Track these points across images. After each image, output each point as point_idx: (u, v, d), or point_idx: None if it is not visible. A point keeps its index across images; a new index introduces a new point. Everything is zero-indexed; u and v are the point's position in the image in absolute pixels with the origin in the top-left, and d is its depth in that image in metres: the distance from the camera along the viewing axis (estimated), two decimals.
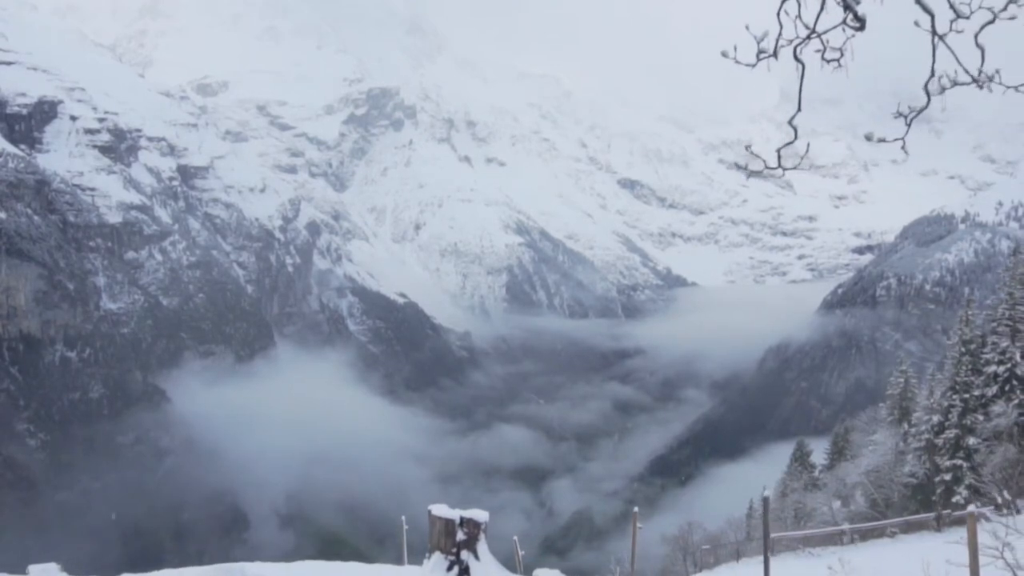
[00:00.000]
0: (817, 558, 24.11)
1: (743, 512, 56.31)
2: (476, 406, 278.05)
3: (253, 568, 13.03)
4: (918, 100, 5.53)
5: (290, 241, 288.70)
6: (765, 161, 6.01)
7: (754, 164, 6.13)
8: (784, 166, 5.97)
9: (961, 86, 5.46)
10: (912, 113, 5.71)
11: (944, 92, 5.48)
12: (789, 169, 6.05)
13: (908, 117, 5.79)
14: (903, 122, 5.85)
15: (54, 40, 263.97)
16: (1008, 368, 36.60)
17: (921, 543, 9.90)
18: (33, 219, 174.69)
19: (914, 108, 5.67)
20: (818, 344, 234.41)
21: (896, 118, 5.85)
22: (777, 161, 6.00)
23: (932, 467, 37.51)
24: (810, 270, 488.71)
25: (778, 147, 6.07)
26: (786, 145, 6.09)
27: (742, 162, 6.31)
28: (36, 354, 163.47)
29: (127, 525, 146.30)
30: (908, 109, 5.69)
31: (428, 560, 10.62)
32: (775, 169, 6.00)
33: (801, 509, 44.61)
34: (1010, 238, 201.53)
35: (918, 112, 5.67)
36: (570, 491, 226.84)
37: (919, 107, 5.64)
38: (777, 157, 6.01)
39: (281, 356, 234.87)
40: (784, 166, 5.97)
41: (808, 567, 20.72)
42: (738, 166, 6.58)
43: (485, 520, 10.57)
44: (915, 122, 8.13)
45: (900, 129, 5.81)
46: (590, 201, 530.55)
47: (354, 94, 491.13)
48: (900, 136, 5.99)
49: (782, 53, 5.44)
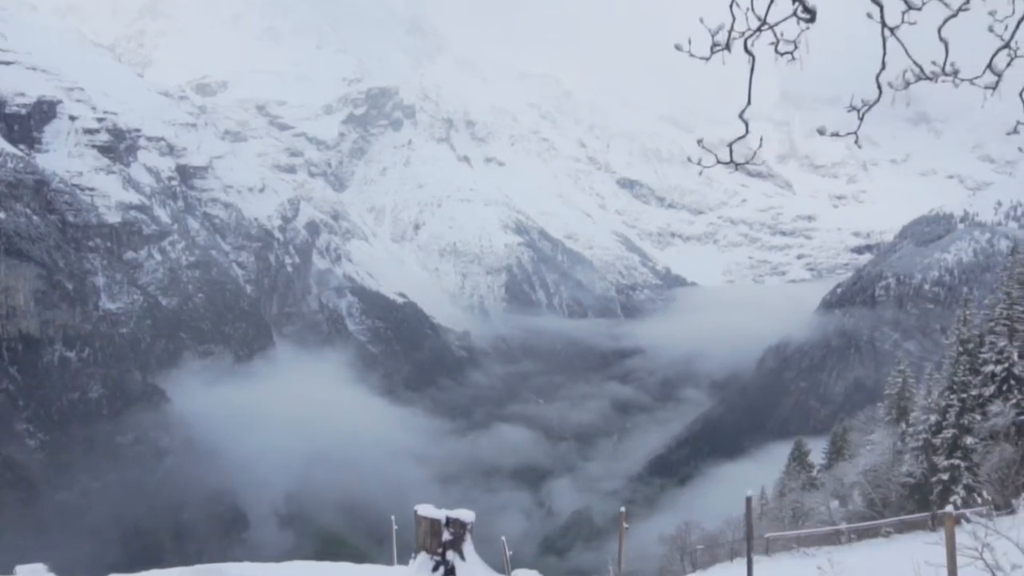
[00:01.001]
0: (811, 558, 24.19)
1: (741, 512, 56.38)
2: (475, 406, 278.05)
3: (234, 569, 12.99)
4: (917, 99, 5.54)
5: (289, 241, 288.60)
6: (716, 155, 6.01)
7: (726, 157, 6.14)
8: (736, 161, 5.93)
9: (925, 80, 5.43)
10: (864, 107, 5.67)
11: (908, 87, 5.46)
12: (741, 164, 6.04)
13: (860, 111, 5.75)
14: (856, 115, 5.80)
15: (53, 40, 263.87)
16: (1006, 368, 36.65)
17: (915, 543, 9.93)
18: (32, 219, 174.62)
19: (867, 102, 5.63)
20: (817, 344, 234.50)
21: (849, 111, 5.82)
22: (729, 155, 5.93)
23: (929, 467, 37.58)
24: (809, 270, 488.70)
25: (729, 142, 6.05)
26: (737, 140, 6.02)
27: (695, 157, 6.33)
28: (35, 354, 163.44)
29: (127, 525, 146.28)
30: (861, 103, 5.61)
31: (414, 560, 10.57)
32: (728, 164, 5.95)
33: (799, 509, 44.67)
34: (1009, 238, 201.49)
35: (870, 106, 5.64)
36: (569, 491, 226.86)
37: (871, 101, 5.60)
38: (729, 152, 5.94)
39: (280, 356, 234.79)
40: (736, 161, 5.93)
41: (802, 567, 20.79)
42: (690, 160, 6.60)
43: (471, 520, 10.55)
44: (915, 122, 7.98)
45: (893, 129, 5.80)
46: (589, 201, 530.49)
47: (353, 94, 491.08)
48: (853, 131, 5.91)
49: (736, 46, 5.38)
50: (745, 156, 6.01)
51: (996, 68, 5.30)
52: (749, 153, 6.02)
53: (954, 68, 5.34)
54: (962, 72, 5.36)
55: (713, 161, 6.00)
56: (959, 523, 10.72)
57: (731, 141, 6.01)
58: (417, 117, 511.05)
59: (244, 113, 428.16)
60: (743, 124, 5.96)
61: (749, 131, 6.00)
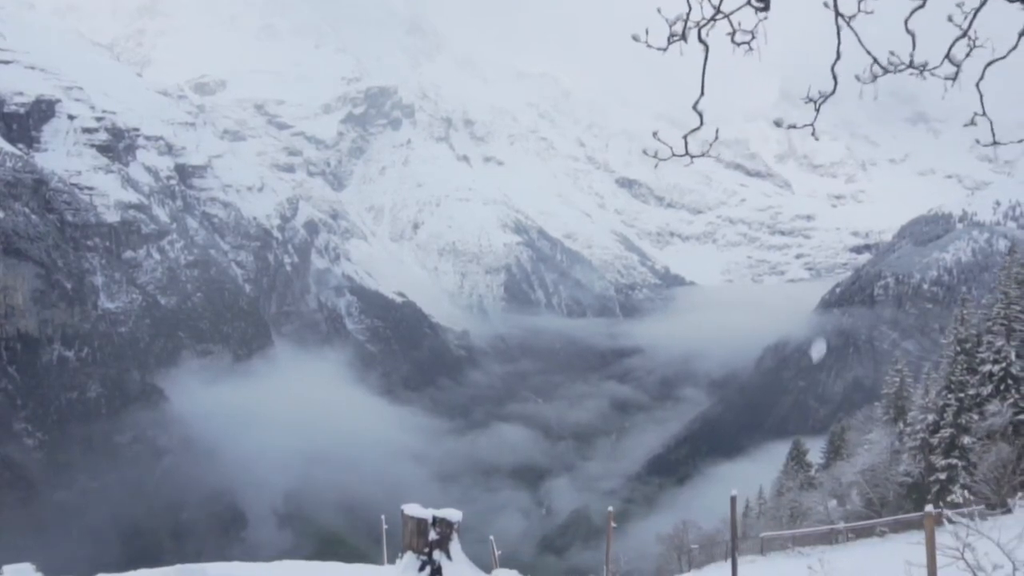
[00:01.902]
0: (806, 557, 24.21)
1: (740, 511, 56.35)
2: (474, 405, 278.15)
3: (216, 569, 13.00)
4: (915, 98, 5.57)
5: (288, 240, 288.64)
6: (672, 148, 5.98)
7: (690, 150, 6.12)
8: (691, 153, 5.84)
9: (893, 73, 5.36)
10: (821, 98, 5.66)
11: (876, 79, 5.40)
12: (697, 156, 5.92)
13: (817, 102, 5.71)
14: (813, 107, 5.81)
15: (52, 39, 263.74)
16: (1003, 367, 36.71)
17: (909, 542, 9.92)
18: (31, 218, 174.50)
19: (824, 93, 5.61)
20: (816, 343, 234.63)
21: (807, 103, 5.73)
22: (684, 148, 5.86)
23: (927, 466, 37.63)
24: (808, 269, 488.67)
25: (684, 133, 5.97)
26: (692, 131, 5.91)
27: (650, 150, 6.28)
28: (34, 353, 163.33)
29: (125, 525, 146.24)
30: (818, 94, 5.59)
31: (400, 560, 10.53)
32: (683, 156, 5.88)
33: (797, 508, 44.71)
34: (1007, 237, 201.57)
35: (826, 97, 5.62)
36: (568, 490, 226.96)
37: (827, 92, 5.58)
38: (684, 143, 5.88)
39: (279, 355, 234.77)
40: (691, 153, 5.84)
41: (796, 566, 20.82)
42: (645, 152, 6.54)
43: (458, 520, 10.51)
44: (914, 121, 7.76)
45: (891, 129, 5.77)
46: (588, 200, 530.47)
47: (352, 93, 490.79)
48: (810, 122, 6.03)
49: (693, 35, 5.31)
50: (702, 148, 5.93)
51: (955, 59, 5.19)
52: (705, 145, 5.96)
53: (924, 61, 5.27)
54: (931, 65, 5.31)
55: (669, 153, 5.96)
56: (940, 523, 10.76)
57: (686, 133, 5.92)
58: (416, 116, 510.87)
59: (243, 112, 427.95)
60: (698, 116, 5.88)
61: (704, 123, 5.91)
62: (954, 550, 8.09)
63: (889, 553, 10.96)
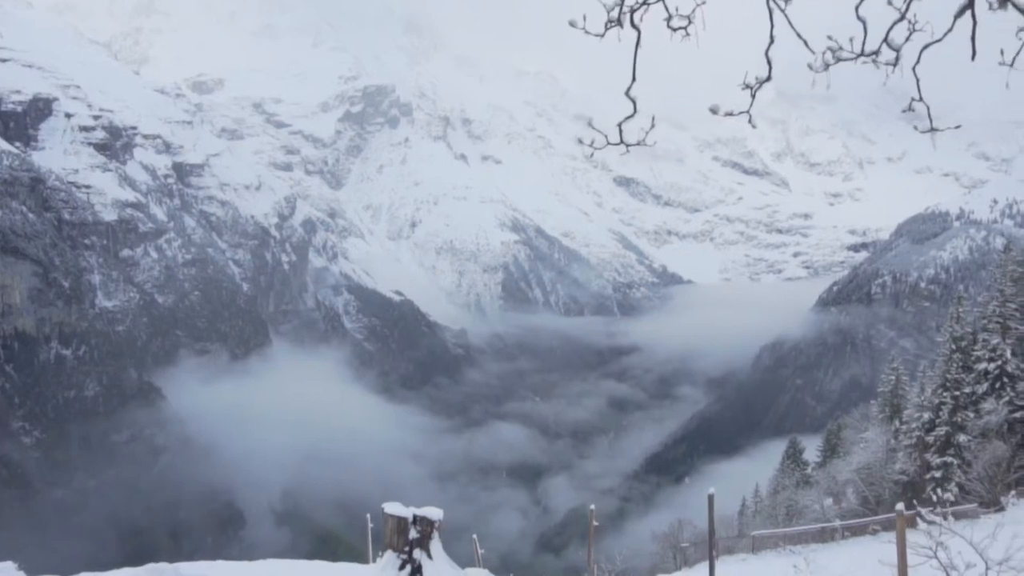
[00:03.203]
0: (798, 556, 24.27)
1: (735, 510, 56.51)
2: (472, 404, 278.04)
3: (187, 568, 13.04)
4: (911, 97, 5.51)
5: (286, 239, 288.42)
6: (607, 136, 5.93)
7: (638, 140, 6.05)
8: (626, 142, 5.75)
9: (845, 61, 5.27)
10: (756, 84, 5.56)
11: (828, 68, 5.31)
12: (632, 145, 5.82)
13: (753, 88, 5.63)
14: (749, 93, 5.71)
15: (50, 37, 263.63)
16: (998, 365, 36.83)
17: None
18: (28, 217, 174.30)
19: (760, 79, 5.52)
20: (813, 341, 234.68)
21: (743, 90, 5.64)
22: (619, 136, 5.77)
23: (923, 464, 37.71)
24: (805, 268, 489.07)
25: (618, 121, 5.88)
26: (627, 119, 5.82)
27: (587, 139, 6.21)
28: (31, 352, 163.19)
29: (123, 523, 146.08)
30: (755, 80, 5.49)
31: (380, 559, 10.49)
32: (618, 144, 5.78)
33: (793, 507, 44.78)
34: (1004, 235, 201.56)
35: (761, 83, 5.54)
36: (566, 489, 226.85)
37: (763, 78, 5.50)
38: (619, 132, 5.78)
39: (277, 354, 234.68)
40: (626, 142, 5.75)
41: (786, 565, 20.90)
42: (580, 141, 6.48)
43: (439, 518, 10.47)
44: (910, 119, 7.68)
45: (888, 127, 5.68)
46: (586, 199, 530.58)
47: (350, 91, 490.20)
48: (745, 109, 5.86)
49: (639, 24, 5.22)
50: (637, 137, 5.87)
51: (894, 43, 5.13)
52: (641, 134, 5.90)
53: (876, 49, 5.19)
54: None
55: (604, 142, 5.91)
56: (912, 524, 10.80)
57: (620, 121, 5.84)
58: (414, 115, 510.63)
59: (240, 111, 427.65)
60: (631, 102, 5.80)
61: (637, 110, 5.84)
62: (927, 549, 8.15)
63: (880, 552, 10.97)
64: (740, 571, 26.59)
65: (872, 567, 10.13)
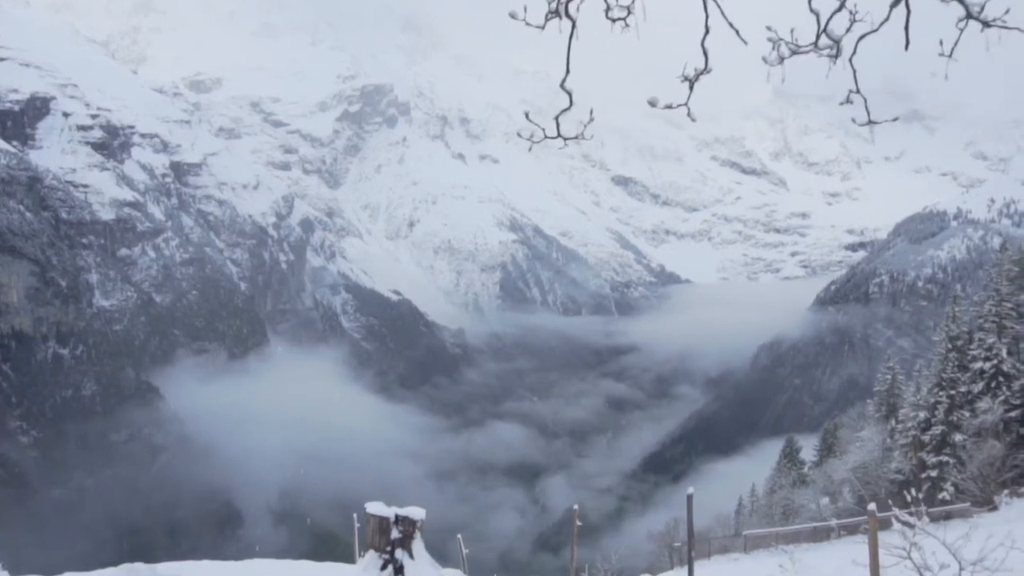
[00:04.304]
0: (793, 554, 24.32)
1: (732, 509, 56.59)
2: (470, 403, 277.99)
3: (164, 568, 13.05)
4: (910, 96, 5.57)
5: (284, 238, 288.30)
6: (544, 129, 5.90)
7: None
8: (564, 135, 5.74)
9: (800, 55, 5.25)
10: (695, 75, 5.49)
11: (783, 61, 5.31)
12: (570, 139, 5.81)
13: (692, 79, 5.58)
14: (688, 86, 5.62)
15: (47, 36, 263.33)
16: (994, 364, 36.87)
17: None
18: (25, 216, 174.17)
19: (699, 70, 5.48)
20: (811, 341, 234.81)
21: (682, 82, 5.61)
22: (556, 130, 5.75)
23: (918, 463, 37.78)
24: (803, 267, 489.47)
25: (555, 114, 5.85)
26: (563, 112, 5.94)
27: (525, 132, 6.16)
28: (28, 351, 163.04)
29: (121, 522, 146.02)
30: (693, 72, 5.41)
31: (362, 559, 10.43)
32: (555, 138, 5.76)
33: (789, 506, 44.85)
34: (1002, 235, 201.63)
35: (700, 74, 5.48)
36: (564, 488, 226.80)
37: (701, 69, 5.45)
38: (556, 125, 5.78)
39: (275, 353, 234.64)
40: (564, 135, 5.74)
41: (776, 564, 20.92)
42: (520, 135, 6.45)
43: (421, 518, 10.42)
44: (908, 119, 7.58)
45: (886, 126, 5.69)
46: (584, 198, 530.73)
47: (348, 91, 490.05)
48: (684, 102, 5.72)
49: (571, 12, 5.09)
50: (576, 131, 5.84)
51: (833, 34, 5.11)
52: (580, 127, 5.87)
53: (830, 42, 5.17)
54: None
55: (542, 136, 5.89)
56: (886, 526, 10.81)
57: (556, 114, 5.83)
58: (412, 114, 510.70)
59: (238, 110, 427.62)
60: (567, 95, 5.81)
61: (573, 103, 5.82)
62: (901, 549, 8.18)
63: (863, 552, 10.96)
64: (730, 570, 26.65)
65: (862, 567, 10.15)
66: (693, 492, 17.65)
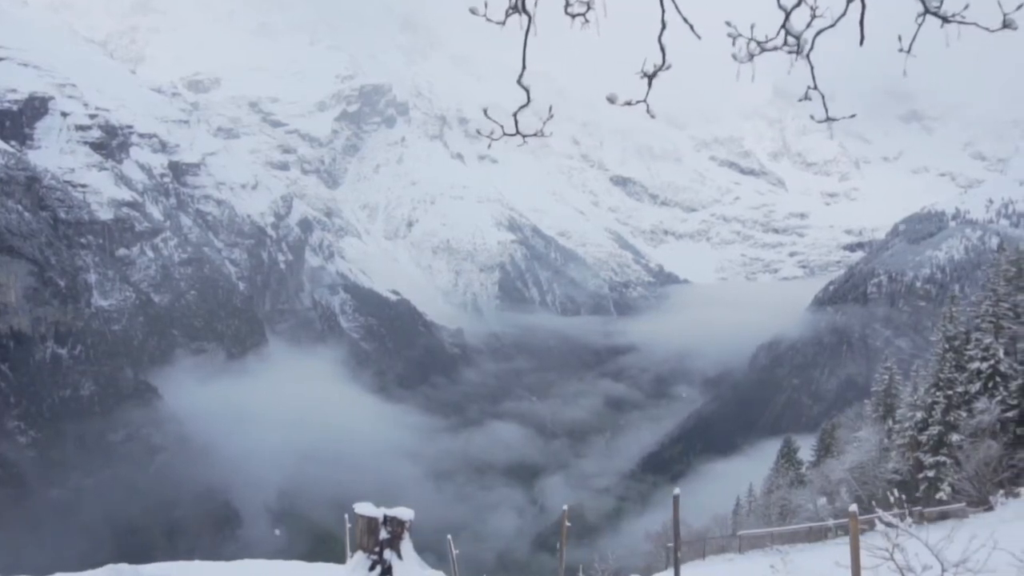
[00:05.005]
0: (784, 555, 24.37)
1: (729, 509, 56.60)
2: (468, 403, 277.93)
3: (148, 569, 13.05)
4: (909, 96, 5.55)
5: (282, 238, 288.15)
6: (503, 127, 5.91)
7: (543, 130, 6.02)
8: (523, 133, 5.77)
9: (770, 51, 5.20)
10: (655, 70, 5.49)
11: (753, 58, 5.27)
12: (529, 136, 5.85)
13: (650, 75, 5.57)
14: (647, 82, 5.62)
15: (46, 36, 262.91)
16: (991, 364, 36.91)
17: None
18: (24, 215, 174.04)
19: (658, 66, 5.47)
20: (809, 341, 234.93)
21: (642, 78, 5.58)
22: (515, 127, 5.82)
23: (915, 464, 37.84)
24: (801, 267, 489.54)
25: (513, 111, 5.84)
26: (521, 108, 5.80)
27: (485, 130, 6.16)
28: (26, 351, 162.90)
29: (119, 522, 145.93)
30: (652, 67, 5.42)
31: (350, 559, 10.39)
32: (514, 135, 5.78)
33: (787, 506, 44.90)
34: (1000, 235, 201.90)
35: (658, 70, 5.47)
36: (562, 488, 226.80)
37: (660, 65, 5.45)
38: (514, 122, 5.84)
39: (273, 353, 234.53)
40: (523, 133, 5.77)
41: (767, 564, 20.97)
42: (479, 132, 6.48)
43: (410, 518, 10.39)
44: (907, 119, 7.39)
45: (885, 127, 5.62)
46: (582, 198, 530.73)
47: (347, 91, 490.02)
48: (642, 99, 5.77)
49: (527, 8, 5.07)
50: (535, 128, 5.86)
51: (793, 30, 5.10)
52: (539, 125, 5.88)
53: (802, 39, 5.15)
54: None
55: (500, 133, 5.91)
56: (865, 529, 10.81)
57: (515, 111, 5.84)
58: (410, 114, 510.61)
59: (237, 110, 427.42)
60: (524, 91, 5.80)
61: (531, 99, 5.85)
62: (884, 551, 8.20)
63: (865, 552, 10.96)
64: (724, 570, 26.70)
65: (844, 568, 10.17)
66: (679, 493, 17.67)
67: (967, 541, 8.45)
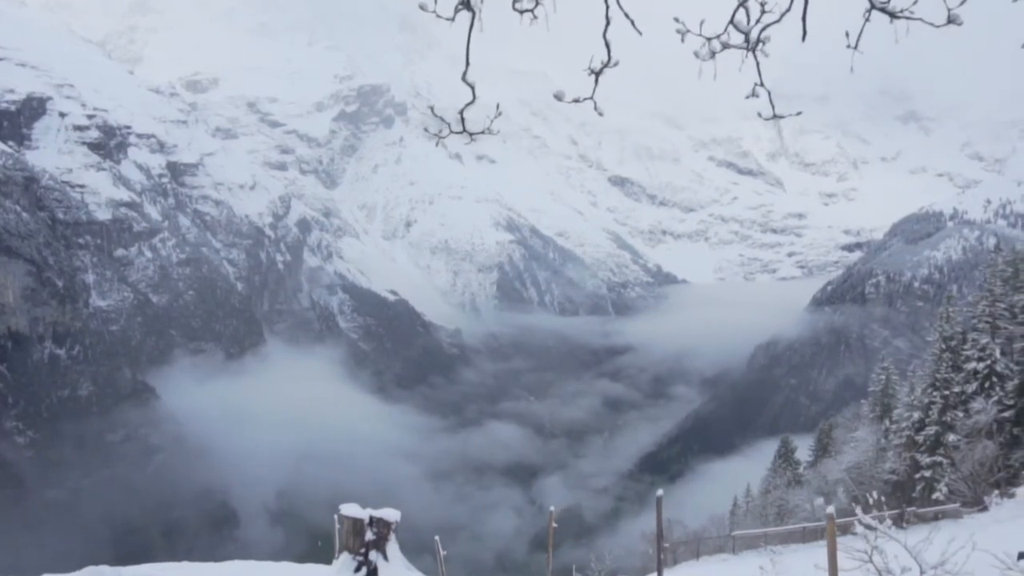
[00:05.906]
0: (778, 555, 24.46)
1: (726, 509, 56.63)
2: (467, 403, 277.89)
3: (128, 571, 13.05)
4: (907, 97, 5.48)
5: (280, 238, 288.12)
6: (450, 125, 5.93)
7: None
8: (470, 131, 5.84)
9: (733, 48, 5.25)
10: (601, 66, 5.51)
11: (715, 56, 5.31)
12: (477, 134, 5.92)
13: (597, 72, 5.61)
14: (594, 79, 5.67)
15: (43, 36, 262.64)
16: (988, 365, 37.00)
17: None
18: (22, 216, 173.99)
19: (603, 62, 5.50)
20: (807, 341, 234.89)
21: (590, 75, 5.60)
22: (461, 125, 5.88)
23: (912, 464, 37.92)
24: (800, 267, 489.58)
25: (459, 109, 5.90)
26: (467, 106, 5.99)
27: (433, 128, 6.20)
28: (25, 351, 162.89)
29: (117, 523, 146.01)
30: (600, 64, 5.46)
31: (336, 560, 10.40)
32: (461, 133, 5.85)
33: (784, 506, 44.97)
34: (998, 235, 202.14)
35: (604, 66, 5.50)
36: (560, 488, 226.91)
37: (607, 62, 5.47)
38: (461, 120, 5.91)
39: (271, 353, 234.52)
40: (470, 131, 5.84)
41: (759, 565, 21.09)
42: (427, 130, 6.55)
43: (396, 520, 10.39)
44: (905, 120, 7.13)
45: (883, 127, 5.63)
46: (581, 198, 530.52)
47: (345, 91, 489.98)
48: (589, 96, 5.84)
49: (474, 4, 5.11)
50: (483, 126, 5.91)
51: (740, 25, 5.14)
52: (487, 122, 5.93)
53: (766, 37, 5.22)
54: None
55: (447, 131, 5.95)
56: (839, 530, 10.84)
57: (461, 108, 5.92)
58: (408, 114, 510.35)
59: (235, 110, 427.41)
60: (470, 88, 5.86)
61: (476, 97, 5.93)
62: (863, 553, 8.25)
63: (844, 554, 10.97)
64: (716, 571, 26.78)
65: (823, 570, 10.21)
66: (662, 494, 17.81)
67: (946, 543, 8.49)
